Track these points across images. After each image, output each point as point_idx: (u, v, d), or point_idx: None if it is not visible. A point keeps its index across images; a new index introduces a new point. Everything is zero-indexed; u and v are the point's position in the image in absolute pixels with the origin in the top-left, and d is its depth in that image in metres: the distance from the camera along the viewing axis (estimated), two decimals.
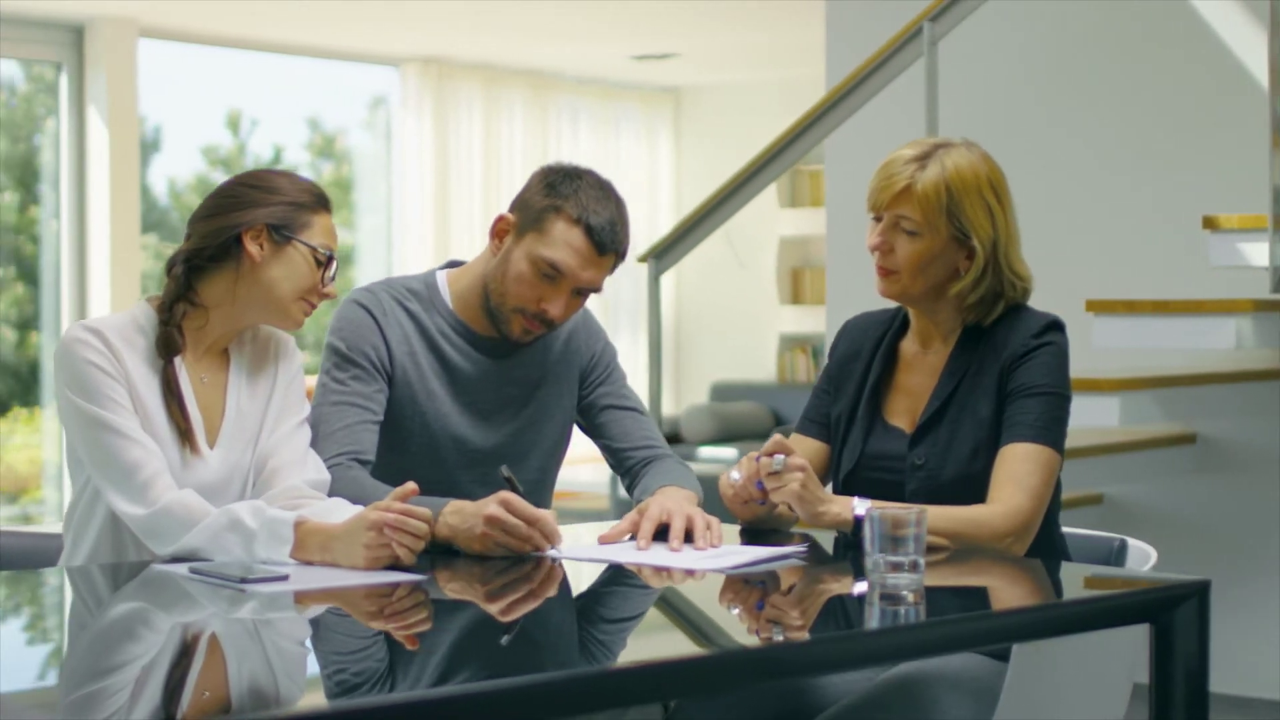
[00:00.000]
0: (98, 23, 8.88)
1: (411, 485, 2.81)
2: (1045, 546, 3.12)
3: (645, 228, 10.76)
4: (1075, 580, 2.92)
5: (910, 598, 2.55)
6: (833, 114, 5.41)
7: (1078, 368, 5.24)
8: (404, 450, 3.27)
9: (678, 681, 2.32)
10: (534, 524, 2.88)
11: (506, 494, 2.89)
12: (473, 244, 10.52)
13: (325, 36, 9.76)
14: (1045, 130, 6.03)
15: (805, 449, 3.28)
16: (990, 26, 5.82)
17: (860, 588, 2.74)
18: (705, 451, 9.97)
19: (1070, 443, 5.28)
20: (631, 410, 3.42)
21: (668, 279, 11.46)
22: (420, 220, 10.30)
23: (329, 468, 3.11)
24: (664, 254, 5.74)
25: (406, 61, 10.31)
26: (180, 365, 3.01)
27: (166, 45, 9.70)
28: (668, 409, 11.48)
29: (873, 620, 2.54)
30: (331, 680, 2.21)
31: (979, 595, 2.86)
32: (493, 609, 2.66)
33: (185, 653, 2.33)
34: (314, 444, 3.16)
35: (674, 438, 10.70)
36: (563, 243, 3.20)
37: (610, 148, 11.37)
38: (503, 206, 10.71)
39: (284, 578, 2.65)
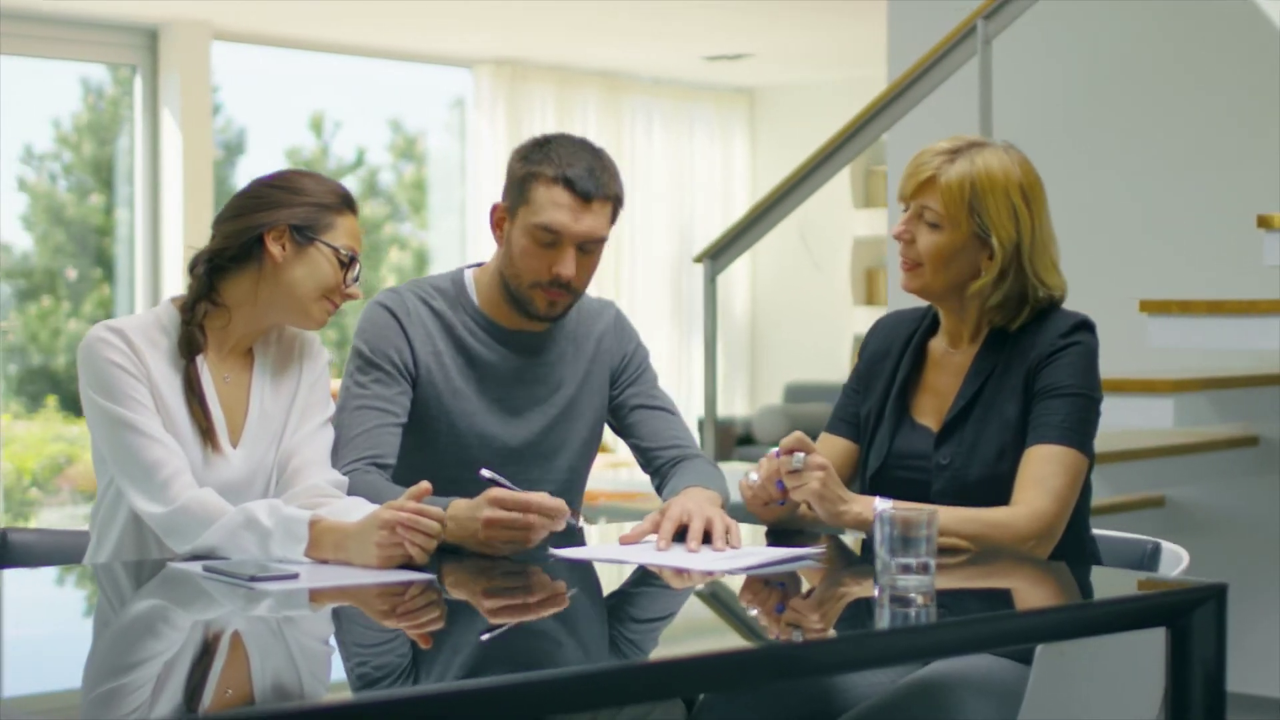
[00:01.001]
0: (171, 26, 8.96)
1: (425, 485, 2.81)
2: (1074, 550, 3.08)
3: (719, 229, 10.74)
4: (1094, 583, 2.89)
5: (920, 600, 2.52)
6: (886, 113, 5.37)
7: (1131, 368, 5.25)
8: (432, 449, 3.28)
9: (691, 678, 2.33)
10: (529, 509, 2.86)
11: (494, 491, 2.88)
12: None
13: (402, 38, 9.80)
14: (1099, 129, 5.97)
15: (833, 448, 3.28)
16: (1045, 25, 5.77)
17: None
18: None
19: (1128, 444, 5.32)
20: (661, 410, 3.41)
21: (741, 280, 11.54)
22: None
23: (347, 473, 3.13)
24: (719, 254, 5.73)
25: (480, 63, 10.34)
26: (203, 364, 3.02)
27: (251, 49, 9.81)
28: (741, 410, 11.47)
29: (881, 622, 2.51)
30: (353, 675, 2.23)
31: (994, 597, 2.83)
32: (489, 607, 2.67)
33: (205, 649, 2.34)
34: (334, 449, 3.17)
35: (747, 439, 10.67)
36: (549, 204, 3.20)
37: (684, 149, 11.35)
38: None
39: (294, 576, 2.66)
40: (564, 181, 3.20)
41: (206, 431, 2.99)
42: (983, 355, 3.14)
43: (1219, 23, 5.78)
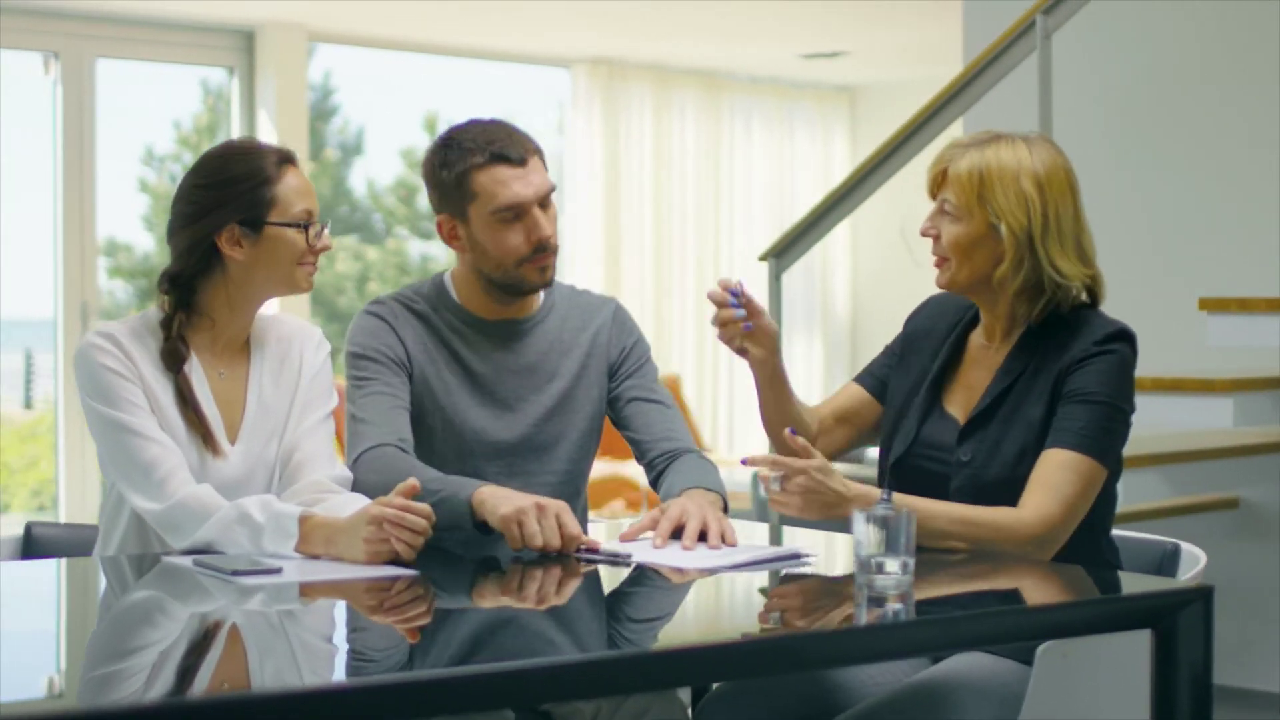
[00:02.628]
0: (268, 28, 9.06)
1: (413, 482, 2.83)
2: (1089, 555, 3.04)
3: None
4: (1084, 585, 2.84)
5: (897, 599, 2.51)
6: (948, 110, 5.32)
7: (1190, 367, 5.16)
8: (430, 446, 3.30)
9: (682, 668, 2.35)
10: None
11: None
12: (642, 244, 10.54)
13: (500, 38, 9.83)
14: (1160, 126, 5.90)
15: (853, 394, 3.34)
16: (1106, 19, 5.69)
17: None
18: (873, 454, 9.86)
19: (1197, 444, 5.22)
20: (657, 404, 3.42)
21: (842, 280, 11.47)
22: (590, 220, 10.34)
23: (371, 452, 3.14)
24: (783, 253, 5.70)
25: (577, 62, 10.36)
26: (195, 365, 3.04)
27: (367, 52, 9.89)
28: None
29: (859, 620, 2.49)
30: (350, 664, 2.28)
31: (979, 597, 2.81)
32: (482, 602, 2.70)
33: (193, 640, 2.38)
34: (352, 441, 3.19)
35: None
36: (496, 185, 3.24)
37: (784, 148, 11.30)
38: (673, 207, 10.68)
39: (277, 571, 2.69)
40: (496, 159, 3.24)
41: (204, 437, 3.02)
42: (1015, 354, 3.12)
43: None
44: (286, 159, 3.07)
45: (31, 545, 3.28)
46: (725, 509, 3.17)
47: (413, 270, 10.90)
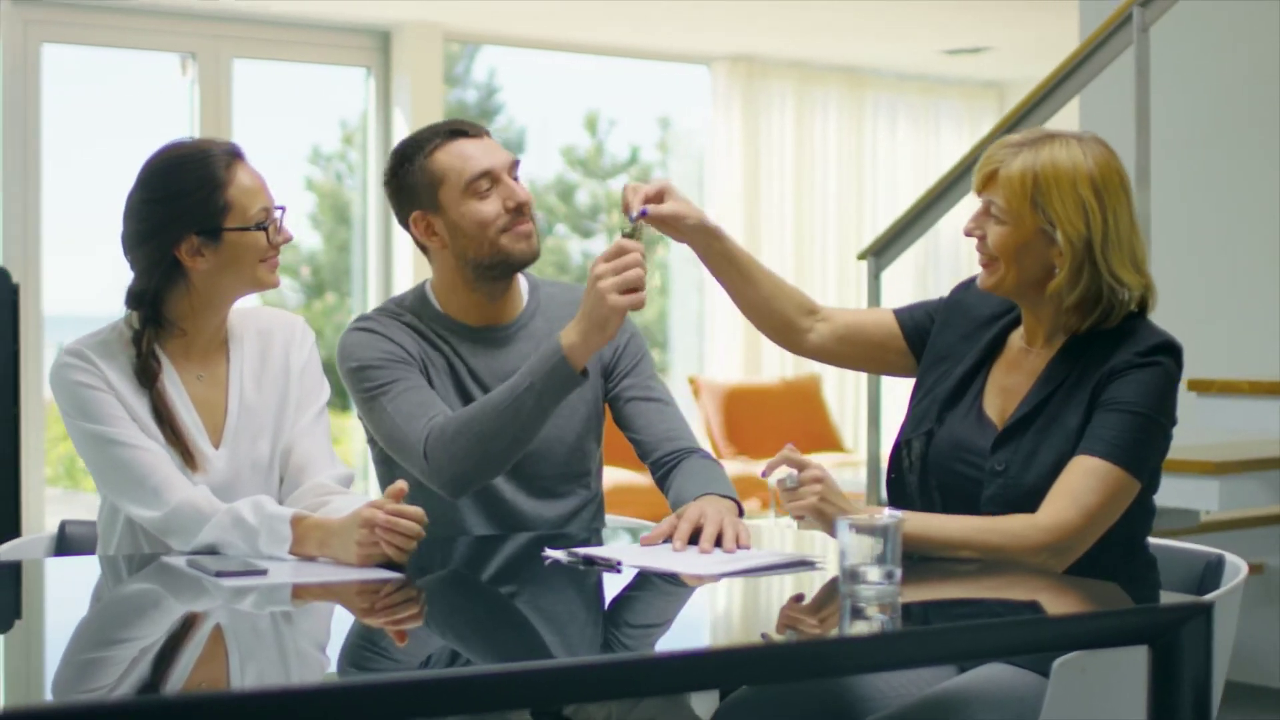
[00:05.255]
0: (404, 28, 9.12)
1: (401, 484, 2.80)
2: (1122, 568, 2.94)
3: None
4: (1089, 599, 2.74)
5: (880, 610, 2.44)
6: (1044, 106, 5.19)
7: None
8: None
9: (690, 673, 2.31)
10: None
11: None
12: (783, 240, 10.47)
13: (639, 37, 9.82)
14: (1262, 125, 5.70)
15: (880, 321, 3.22)
16: (1208, 12, 5.52)
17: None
18: (861, 452, 9.73)
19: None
20: (656, 402, 3.35)
21: (945, 278, 11.27)
22: (729, 219, 10.29)
23: (434, 433, 3.11)
24: (882, 251, 5.61)
25: (717, 60, 10.32)
26: (171, 375, 3.01)
27: (529, 53, 9.96)
28: None
29: (843, 630, 2.44)
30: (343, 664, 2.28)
31: (972, 608, 2.73)
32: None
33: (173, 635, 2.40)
34: (403, 443, 3.14)
35: None
36: (461, 159, 3.23)
37: (930, 145, 11.16)
38: (815, 204, 10.59)
39: (262, 573, 2.68)
40: (454, 134, 3.24)
41: (183, 453, 2.99)
42: (1057, 362, 3.00)
43: None
44: (234, 155, 3.01)
45: (64, 542, 3.31)
46: (740, 513, 3.11)
47: (572, 269, 10.93)
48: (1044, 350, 3.04)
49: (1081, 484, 2.86)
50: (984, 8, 9.03)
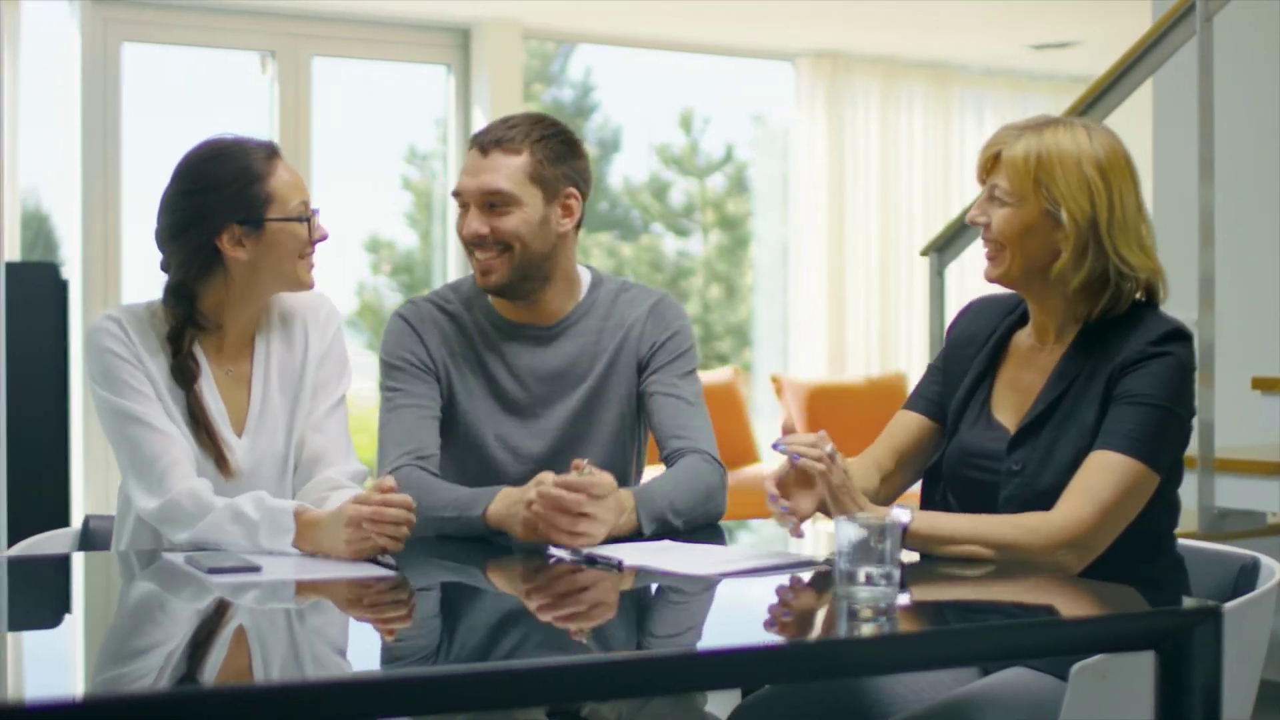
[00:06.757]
0: (483, 25, 9.12)
1: (389, 481, 2.78)
2: (1145, 567, 2.88)
3: None
4: (1101, 602, 2.67)
5: (874, 612, 2.38)
6: (1108, 98, 5.10)
7: None
8: (450, 450, 3.25)
9: (698, 672, 2.28)
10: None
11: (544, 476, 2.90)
12: (868, 238, 10.38)
13: (720, 33, 9.77)
14: None
15: (909, 423, 3.14)
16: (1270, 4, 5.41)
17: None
18: None
19: None
20: (674, 398, 3.29)
21: None
22: (813, 217, 10.22)
23: (393, 472, 3.10)
24: (945, 247, 5.54)
25: (800, 56, 10.24)
26: (205, 372, 3.02)
27: (623, 51, 9.97)
28: None
29: (838, 632, 2.39)
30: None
31: (978, 611, 2.66)
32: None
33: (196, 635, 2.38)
34: (379, 457, 3.16)
35: None
36: (461, 171, 3.24)
37: None
38: (900, 201, 10.49)
39: (256, 569, 2.66)
40: (470, 142, 3.24)
41: (217, 459, 3.00)
42: (1070, 357, 2.95)
43: None
44: (273, 152, 3.03)
45: (89, 538, 3.32)
46: (640, 529, 3.06)
47: (666, 267, 10.90)
48: (1055, 346, 2.99)
49: (1098, 479, 2.81)
50: (1071, 2, 8.91)
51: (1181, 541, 3.05)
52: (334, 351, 3.13)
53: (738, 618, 2.59)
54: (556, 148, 3.23)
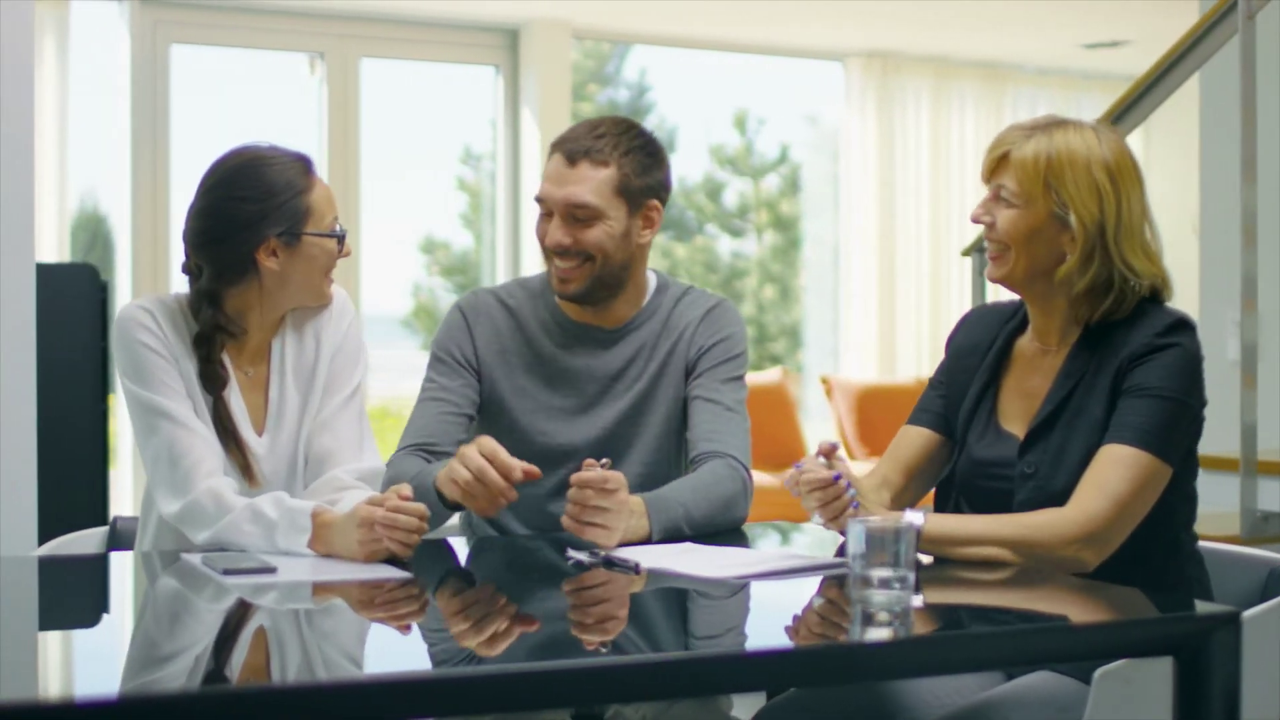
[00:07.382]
0: (531, 25, 9.12)
1: (406, 489, 2.78)
2: (1165, 563, 2.86)
3: None
4: (1114, 607, 2.64)
5: (890, 616, 2.36)
6: (1151, 95, 5.05)
7: None
8: None
9: (719, 675, 2.26)
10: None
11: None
12: (919, 238, 10.33)
13: (769, 33, 9.75)
14: None
15: (915, 438, 3.12)
16: None
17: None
18: None
19: None
20: (711, 403, 3.27)
21: None
22: (863, 216, 10.18)
23: (395, 455, 3.16)
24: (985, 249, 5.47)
25: (850, 56, 10.21)
26: (230, 379, 3.04)
27: (677, 52, 9.96)
28: None
29: (853, 636, 2.36)
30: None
31: (993, 614, 2.63)
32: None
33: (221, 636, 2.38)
34: (400, 438, 3.19)
35: None
36: (543, 175, 3.22)
37: None
38: (952, 201, 10.46)
39: (272, 570, 2.66)
40: (553, 147, 3.24)
41: (243, 468, 3.01)
42: (1074, 357, 2.93)
43: None
44: (309, 166, 3.04)
45: (116, 537, 3.32)
46: (650, 535, 3.02)
47: (720, 268, 10.90)
48: (1060, 348, 2.98)
49: (1110, 473, 2.79)
50: (1122, 1, 8.85)
51: (1209, 545, 3.01)
52: (348, 343, 3.13)
53: (763, 620, 2.57)
54: (643, 160, 3.23)
